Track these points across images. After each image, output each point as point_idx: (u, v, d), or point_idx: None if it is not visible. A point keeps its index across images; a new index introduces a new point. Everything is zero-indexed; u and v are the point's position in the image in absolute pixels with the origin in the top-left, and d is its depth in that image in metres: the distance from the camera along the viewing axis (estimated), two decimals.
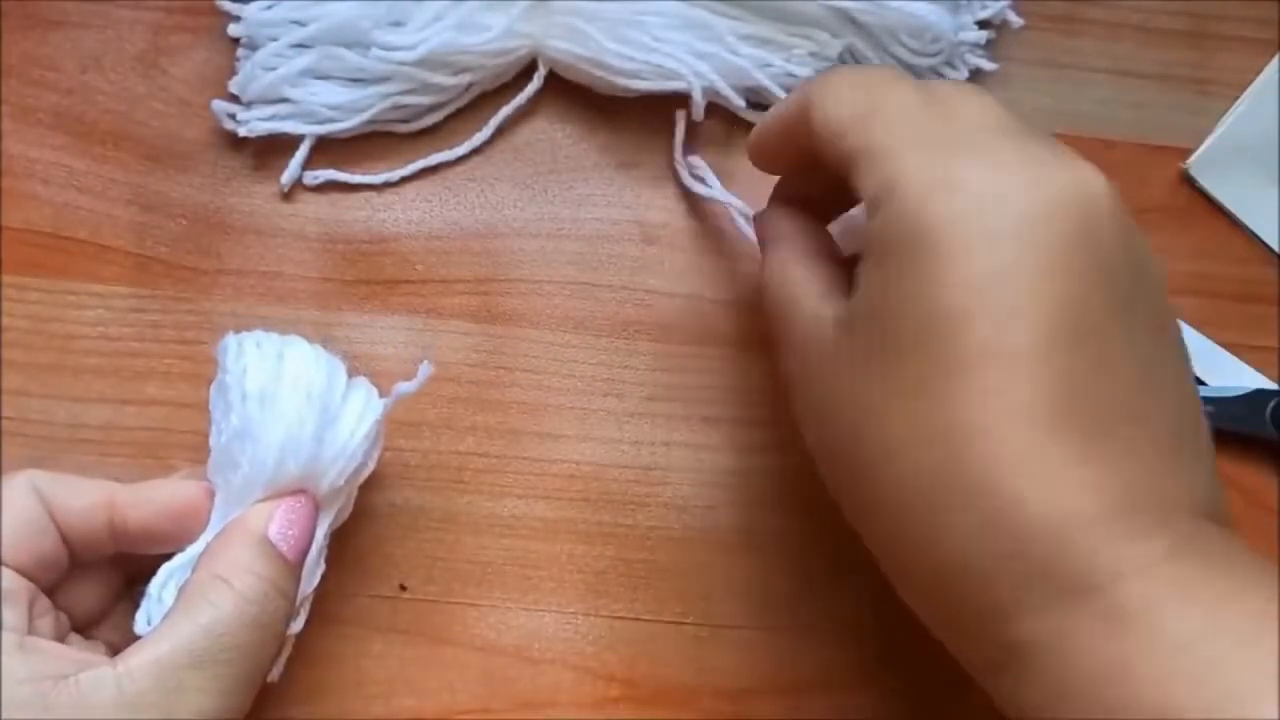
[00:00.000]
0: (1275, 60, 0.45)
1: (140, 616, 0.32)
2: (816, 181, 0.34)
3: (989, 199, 0.26)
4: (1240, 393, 0.42)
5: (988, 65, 0.44)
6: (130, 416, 0.40)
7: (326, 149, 0.42)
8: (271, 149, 0.42)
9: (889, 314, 0.26)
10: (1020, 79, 0.45)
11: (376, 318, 0.41)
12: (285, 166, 0.41)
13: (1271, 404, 0.41)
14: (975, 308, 0.25)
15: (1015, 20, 0.44)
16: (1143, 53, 0.45)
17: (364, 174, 0.42)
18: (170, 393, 0.40)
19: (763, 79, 0.42)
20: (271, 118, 0.41)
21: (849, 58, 0.43)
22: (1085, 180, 0.27)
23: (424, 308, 0.41)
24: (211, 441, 0.34)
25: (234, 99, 0.41)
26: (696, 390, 0.41)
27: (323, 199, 0.42)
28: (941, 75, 0.43)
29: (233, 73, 0.42)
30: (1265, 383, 0.42)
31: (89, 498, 0.32)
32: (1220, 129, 0.44)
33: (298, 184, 0.42)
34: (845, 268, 0.32)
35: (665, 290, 0.42)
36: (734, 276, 0.42)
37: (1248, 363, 0.42)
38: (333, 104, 0.41)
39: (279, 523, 0.32)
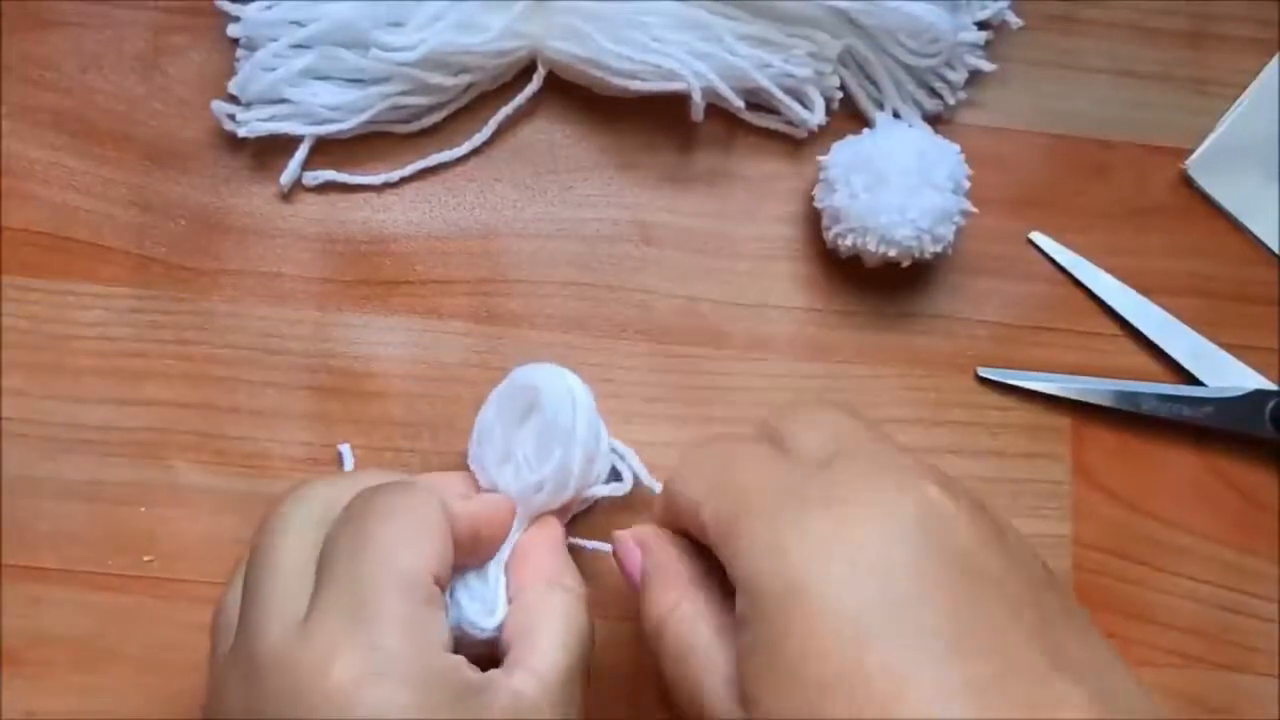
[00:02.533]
0: (1275, 60, 0.45)
1: (478, 609, 0.33)
2: None
3: (836, 543, 0.26)
4: (1240, 393, 0.42)
5: (986, 66, 0.44)
6: (130, 417, 0.40)
7: (326, 150, 0.42)
8: (271, 149, 0.42)
9: (788, 675, 0.26)
10: (1019, 79, 0.45)
11: (376, 318, 0.41)
12: (285, 167, 0.41)
13: (1271, 404, 0.41)
14: (865, 642, 0.25)
15: (1014, 21, 0.44)
16: (1142, 53, 0.45)
17: (363, 174, 0.42)
18: (170, 393, 0.40)
19: (762, 79, 0.42)
20: (271, 118, 0.41)
21: (848, 58, 0.43)
22: (925, 494, 0.27)
23: (423, 308, 0.41)
24: (491, 459, 0.36)
25: (233, 99, 0.41)
26: (696, 390, 0.41)
27: (322, 199, 0.42)
28: (941, 75, 0.43)
29: (232, 73, 0.42)
30: (1264, 383, 0.42)
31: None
32: (1220, 129, 0.44)
33: (297, 184, 0.42)
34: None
35: (664, 291, 0.42)
36: (733, 277, 0.42)
37: (1247, 363, 0.42)
38: (332, 104, 0.41)
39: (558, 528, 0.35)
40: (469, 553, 0.33)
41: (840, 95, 0.43)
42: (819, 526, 0.27)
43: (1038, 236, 0.43)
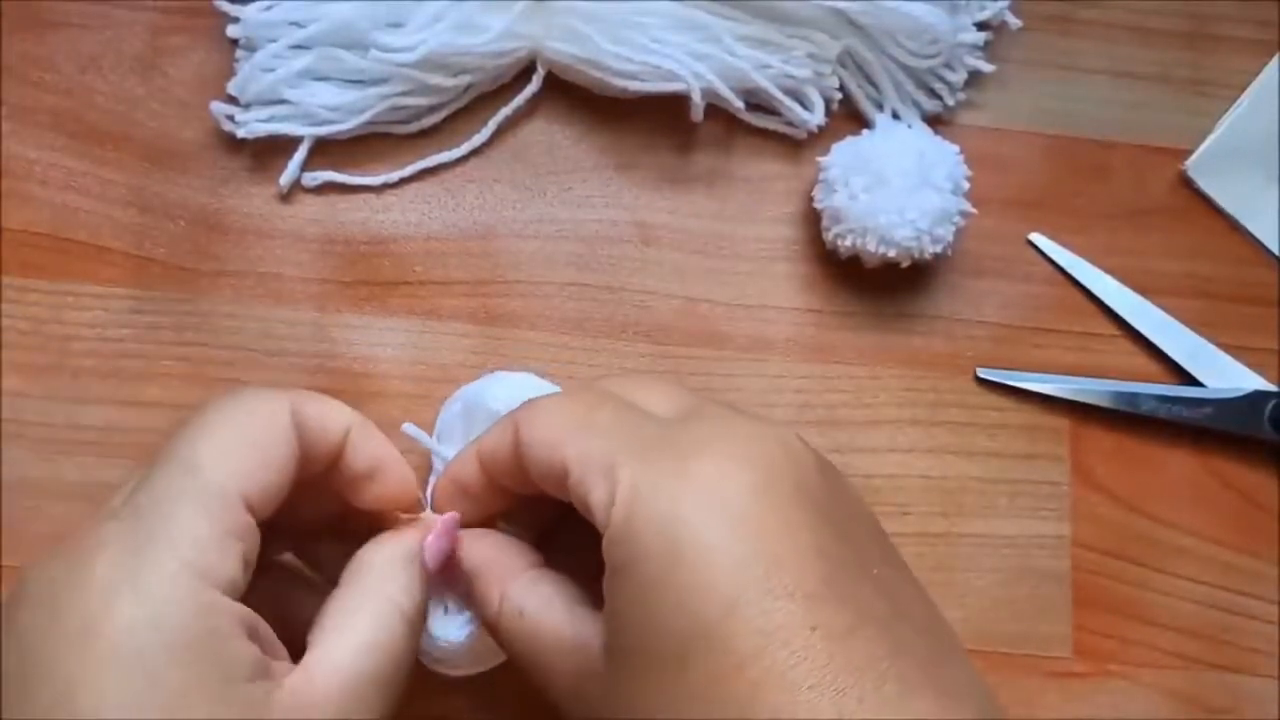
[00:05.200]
0: (1274, 61, 0.45)
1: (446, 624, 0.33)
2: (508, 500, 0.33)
3: (714, 490, 0.27)
4: (1239, 394, 0.42)
5: (985, 66, 0.44)
6: (130, 418, 0.40)
7: (325, 150, 0.42)
8: (270, 150, 0.42)
9: (656, 628, 0.26)
10: (1018, 80, 0.45)
11: (375, 319, 0.41)
12: (284, 168, 0.41)
13: (1270, 405, 0.41)
14: (737, 597, 0.25)
15: (1013, 21, 0.44)
16: (1141, 54, 0.45)
17: (363, 175, 0.42)
18: (170, 394, 0.40)
19: (761, 80, 0.42)
20: (270, 119, 0.41)
21: (848, 59, 0.43)
22: (784, 440, 0.28)
23: (423, 309, 0.41)
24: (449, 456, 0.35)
25: (233, 100, 0.41)
26: (695, 391, 0.41)
27: (321, 200, 0.42)
28: (940, 76, 0.43)
29: (231, 74, 0.42)
30: (1263, 384, 0.42)
31: (332, 424, 0.31)
32: (1219, 130, 0.44)
33: (296, 185, 0.42)
34: (562, 565, 0.32)
35: (664, 292, 0.42)
36: (733, 278, 0.42)
37: (1246, 364, 0.42)
38: (331, 105, 0.41)
39: (435, 548, 0.31)
40: (363, 489, 0.31)
41: (840, 96, 0.43)
42: (698, 471, 0.27)
43: (1037, 237, 0.43)
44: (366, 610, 0.29)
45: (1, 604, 0.27)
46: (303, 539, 0.34)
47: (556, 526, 0.34)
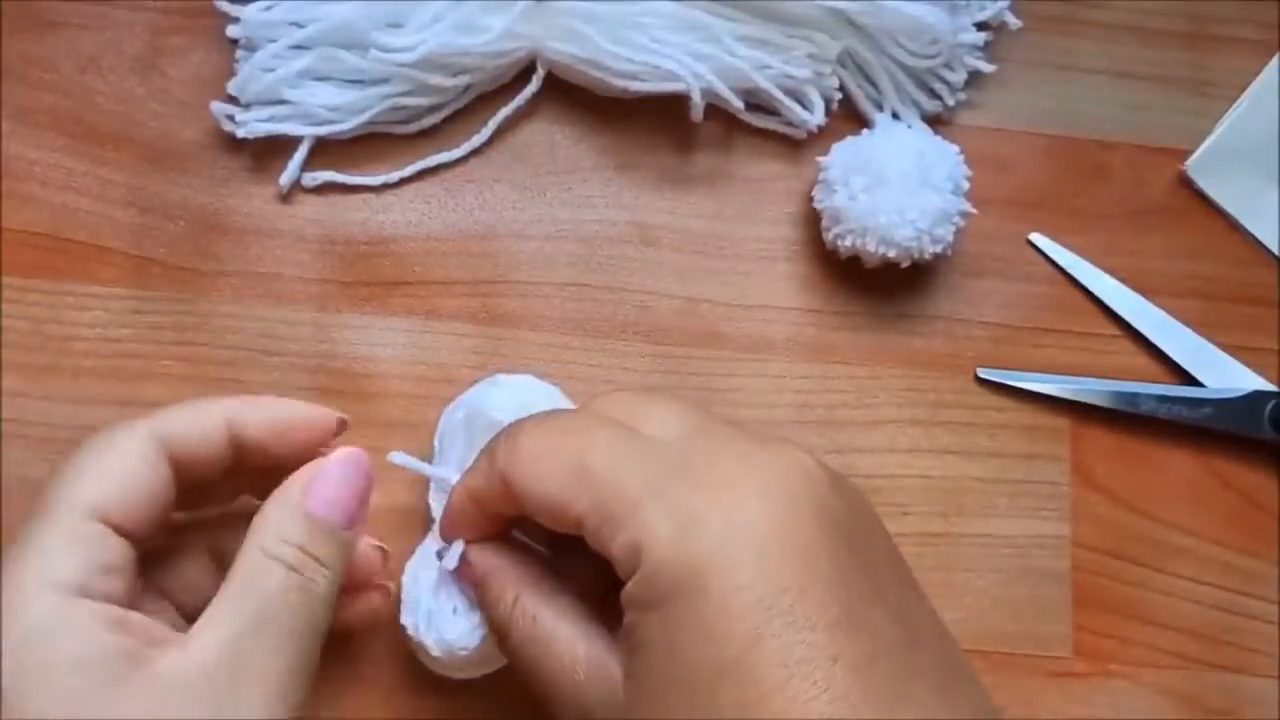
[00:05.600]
0: (1274, 61, 0.45)
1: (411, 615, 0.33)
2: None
3: (737, 524, 0.27)
4: (1239, 394, 0.42)
5: (986, 67, 0.44)
6: (129, 418, 0.39)
7: (325, 150, 0.42)
8: (270, 150, 0.42)
9: (681, 660, 0.26)
10: (1018, 80, 0.45)
11: (375, 319, 0.41)
12: (284, 168, 0.41)
13: (1270, 405, 0.41)
14: (761, 630, 0.25)
15: (1013, 22, 0.44)
16: (1141, 54, 0.45)
17: (363, 175, 0.42)
18: (169, 394, 0.40)
19: (761, 80, 0.42)
20: (270, 119, 0.41)
21: (848, 59, 0.43)
22: (802, 464, 0.28)
23: (423, 309, 0.41)
24: (451, 463, 0.35)
25: (233, 100, 0.41)
26: (695, 392, 0.41)
27: (321, 200, 0.42)
28: (940, 76, 0.43)
29: (231, 74, 0.41)
30: (1264, 384, 0.42)
31: (208, 424, 0.31)
32: (1219, 130, 0.44)
33: (296, 185, 0.42)
34: (574, 569, 0.31)
35: (664, 292, 0.42)
36: (733, 278, 0.42)
37: (1246, 364, 0.42)
38: (331, 105, 0.41)
39: (321, 489, 0.30)
40: (272, 458, 0.32)
41: (839, 96, 0.43)
42: (719, 504, 0.27)
43: (1037, 237, 0.43)
44: (241, 567, 0.29)
45: None
46: None
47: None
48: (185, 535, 0.34)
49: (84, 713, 0.26)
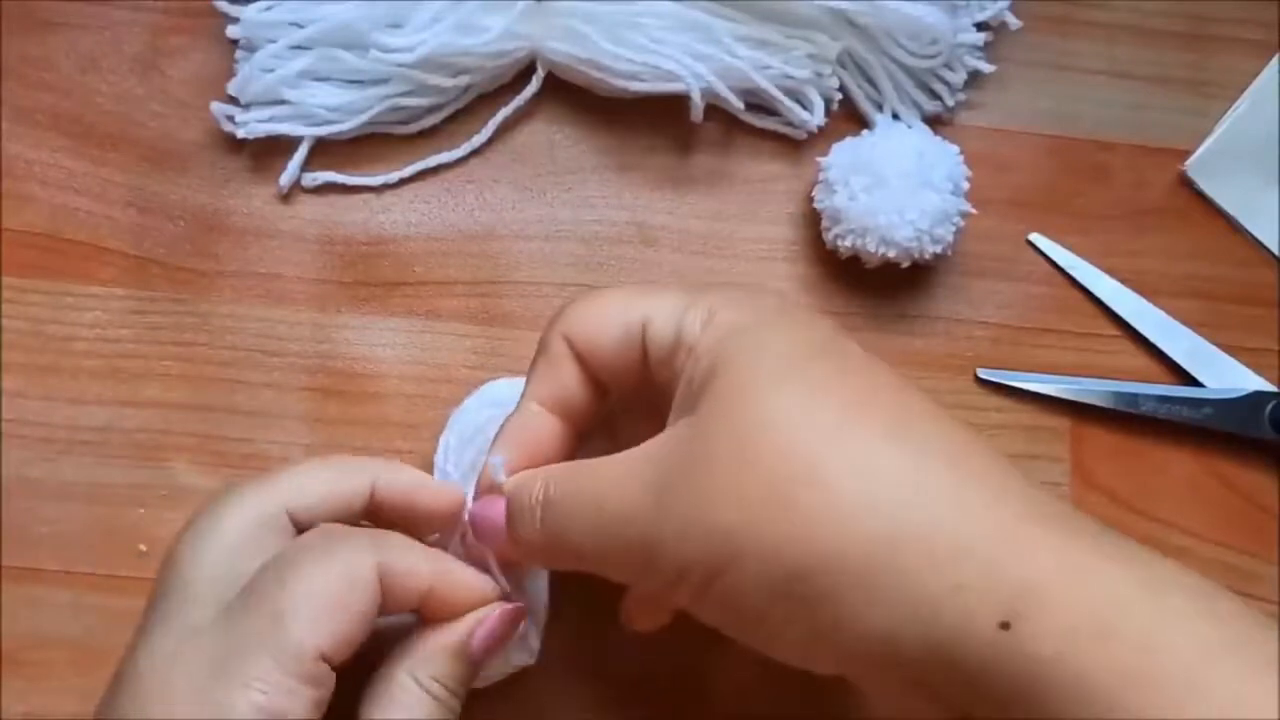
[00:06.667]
0: (1274, 62, 0.45)
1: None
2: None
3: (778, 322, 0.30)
4: (1239, 394, 0.42)
5: (986, 67, 0.44)
6: (129, 418, 0.39)
7: (325, 151, 0.42)
8: (270, 151, 0.42)
9: (747, 422, 0.27)
10: (1018, 81, 0.45)
11: (375, 319, 0.41)
12: (284, 168, 0.41)
13: (1270, 405, 0.41)
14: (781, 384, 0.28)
15: (1013, 22, 0.44)
16: (1141, 54, 0.45)
17: (362, 176, 0.42)
18: (169, 395, 0.40)
19: (761, 81, 0.42)
20: (270, 119, 0.41)
21: (848, 59, 0.43)
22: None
23: (422, 309, 0.41)
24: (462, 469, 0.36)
25: (232, 100, 0.41)
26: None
27: (321, 201, 0.42)
28: (940, 77, 0.43)
29: (231, 74, 0.42)
30: (1264, 384, 0.42)
31: (421, 579, 0.31)
32: (1219, 131, 0.44)
33: (296, 186, 0.42)
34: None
35: None
36: (733, 278, 0.42)
37: (1246, 364, 0.42)
38: (331, 106, 0.41)
39: (485, 637, 0.31)
40: (431, 611, 0.31)
41: (839, 96, 0.43)
42: (757, 307, 0.30)
43: (1037, 238, 0.43)
44: (392, 690, 0.30)
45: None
46: None
47: None
48: None
49: None
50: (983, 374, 0.42)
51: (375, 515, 0.32)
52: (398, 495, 0.32)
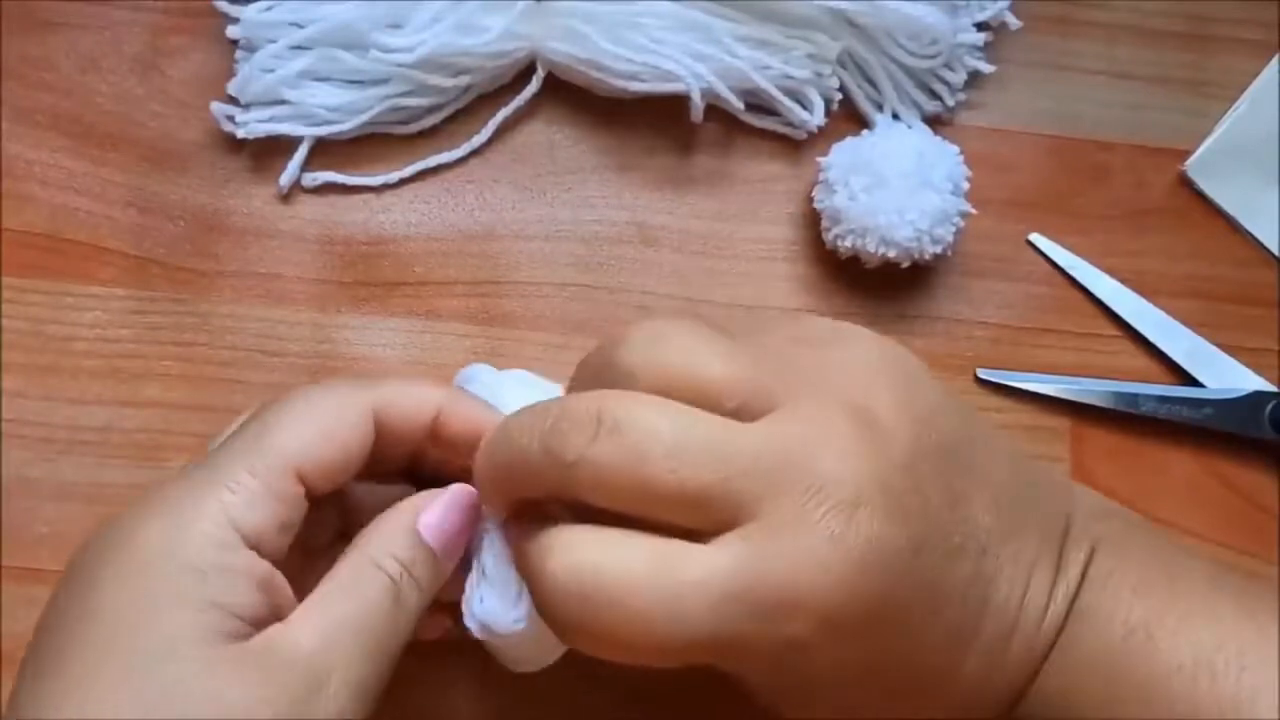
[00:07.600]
0: (1273, 62, 0.45)
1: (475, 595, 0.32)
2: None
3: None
4: (1239, 394, 0.42)
5: (985, 67, 0.44)
6: (128, 418, 0.40)
7: (325, 151, 0.42)
8: (270, 151, 0.42)
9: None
10: (1018, 81, 0.45)
11: (375, 319, 0.41)
12: (284, 168, 0.41)
13: (1270, 405, 0.41)
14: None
15: (1013, 22, 0.44)
16: (1141, 55, 0.45)
17: (362, 176, 0.42)
18: (169, 394, 0.40)
19: (761, 81, 0.42)
20: (270, 119, 0.41)
21: (848, 59, 0.43)
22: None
23: (422, 310, 0.41)
24: None
25: (232, 101, 0.41)
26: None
27: (321, 201, 0.42)
28: (940, 77, 0.43)
29: (231, 74, 0.42)
30: (1264, 384, 0.42)
31: (421, 405, 0.32)
32: (1219, 131, 0.44)
33: (296, 186, 0.42)
34: None
35: (664, 292, 0.42)
36: (733, 278, 0.42)
37: (1246, 364, 0.42)
38: (331, 106, 0.41)
39: (432, 515, 0.31)
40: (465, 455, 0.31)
41: (839, 97, 0.43)
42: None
43: (1037, 238, 0.43)
44: (345, 570, 0.30)
45: None
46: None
47: None
48: None
49: (198, 656, 0.27)
50: (983, 374, 0.42)
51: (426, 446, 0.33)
52: (457, 432, 0.32)
